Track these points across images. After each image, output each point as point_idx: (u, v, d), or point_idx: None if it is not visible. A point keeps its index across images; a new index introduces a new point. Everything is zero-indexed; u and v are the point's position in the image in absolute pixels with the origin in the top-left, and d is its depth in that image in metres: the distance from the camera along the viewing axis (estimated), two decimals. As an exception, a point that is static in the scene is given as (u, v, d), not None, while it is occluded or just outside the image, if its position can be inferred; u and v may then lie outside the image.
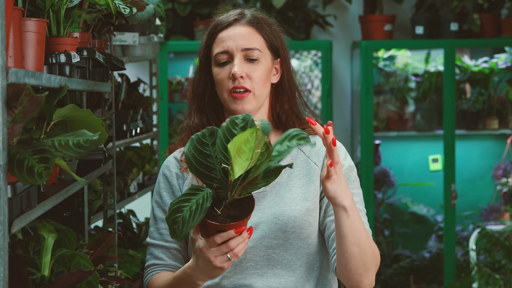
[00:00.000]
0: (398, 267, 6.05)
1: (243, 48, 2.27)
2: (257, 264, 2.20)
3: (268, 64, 2.29)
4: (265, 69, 2.28)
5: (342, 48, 6.25)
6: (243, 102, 2.25)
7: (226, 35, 2.30)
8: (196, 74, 2.37)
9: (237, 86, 2.24)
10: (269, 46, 2.31)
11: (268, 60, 2.30)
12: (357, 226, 2.08)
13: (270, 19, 2.37)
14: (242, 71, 2.25)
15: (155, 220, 2.30)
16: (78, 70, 2.42)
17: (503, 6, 5.97)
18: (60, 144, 1.75)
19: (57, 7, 2.25)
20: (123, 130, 3.98)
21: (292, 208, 2.20)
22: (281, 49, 2.33)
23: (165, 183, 2.32)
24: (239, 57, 2.26)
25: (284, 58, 2.34)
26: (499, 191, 6.14)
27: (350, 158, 2.29)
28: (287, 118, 2.32)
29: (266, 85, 2.29)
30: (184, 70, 6.26)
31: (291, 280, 2.20)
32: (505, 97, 6.05)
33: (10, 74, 1.62)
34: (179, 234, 1.86)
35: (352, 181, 2.25)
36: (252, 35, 2.28)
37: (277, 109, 2.33)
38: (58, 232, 2.25)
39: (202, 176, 1.92)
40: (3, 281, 1.57)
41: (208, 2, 6.02)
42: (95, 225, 4.08)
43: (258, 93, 2.26)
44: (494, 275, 5.36)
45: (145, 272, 2.31)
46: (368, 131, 5.79)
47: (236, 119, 1.90)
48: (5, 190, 1.59)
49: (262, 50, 2.28)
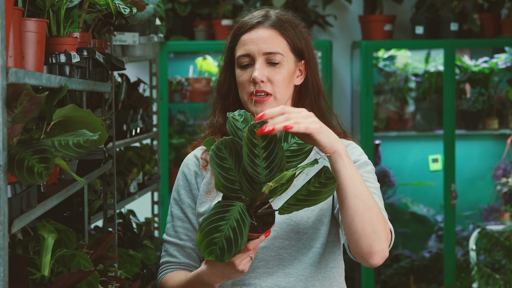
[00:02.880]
0: (398, 267, 6.04)
1: (265, 52, 2.26)
2: (268, 263, 2.21)
3: (291, 67, 2.29)
4: (287, 72, 2.27)
5: (342, 48, 6.25)
6: (263, 105, 2.26)
7: (248, 38, 2.29)
8: (221, 74, 2.38)
9: (258, 90, 2.25)
10: (293, 48, 2.29)
11: (291, 63, 2.29)
12: (356, 178, 2.02)
13: (297, 20, 2.35)
14: (263, 75, 2.25)
15: (172, 217, 2.33)
16: (78, 70, 2.42)
17: (503, 6, 5.97)
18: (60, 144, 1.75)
19: (57, 7, 2.25)
20: (123, 130, 3.98)
21: (306, 209, 2.20)
22: (305, 51, 2.31)
23: (183, 181, 2.34)
24: (260, 61, 2.26)
25: (308, 60, 2.32)
26: (499, 191, 6.14)
27: (367, 157, 2.29)
28: None
29: (288, 88, 2.28)
30: (184, 70, 6.26)
31: (301, 279, 2.20)
32: (505, 97, 6.05)
33: (10, 74, 1.62)
34: (227, 256, 1.87)
35: (367, 172, 2.23)
36: (275, 39, 2.27)
37: None
38: (58, 232, 2.25)
39: (227, 190, 1.92)
40: (3, 281, 1.57)
41: (208, 2, 6.02)
42: (95, 225, 4.08)
43: (280, 96, 2.26)
44: (494, 275, 5.36)
45: (159, 270, 2.33)
46: (368, 131, 5.79)
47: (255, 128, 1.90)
48: (5, 190, 1.59)
49: (285, 53, 2.27)
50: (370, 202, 2.04)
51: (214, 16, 6.05)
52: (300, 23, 2.35)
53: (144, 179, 4.33)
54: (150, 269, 4.09)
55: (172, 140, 6.04)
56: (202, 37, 6.00)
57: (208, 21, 6.03)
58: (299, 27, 2.33)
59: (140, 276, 3.94)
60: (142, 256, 4.03)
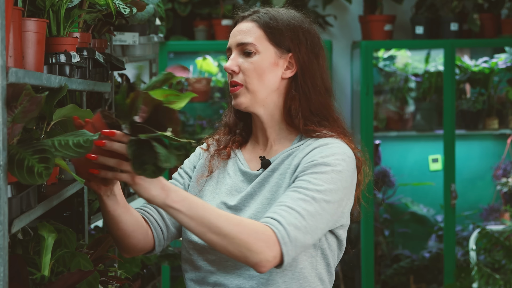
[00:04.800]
0: (398, 267, 6.04)
1: (239, 43, 2.25)
2: (236, 264, 2.19)
3: (268, 58, 2.24)
4: (261, 62, 2.23)
5: (342, 48, 6.25)
6: (236, 96, 2.25)
7: (231, 32, 2.31)
8: None
9: (230, 81, 2.25)
10: (272, 39, 2.25)
11: (268, 54, 2.24)
12: (198, 217, 2.00)
13: (289, 14, 2.31)
14: (233, 65, 2.24)
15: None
16: (78, 70, 2.42)
17: (503, 6, 5.97)
18: (60, 144, 1.75)
19: (57, 7, 2.25)
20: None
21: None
22: (292, 44, 2.26)
23: (192, 156, 2.41)
24: (235, 53, 2.26)
25: (298, 53, 2.26)
26: (499, 191, 6.14)
27: (335, 159, 2.17)
28: (299, 116, 2.25)
29: (264, 79, 2.23)
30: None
31: (262, 282, 2.16)
32: (505, 97, 6.05)
33: (10, 74, 1.62)
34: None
35: (316, 173, 2.13)
36: (251, 30, 2.25)
37: (288, 105, 2.26)
38: (58, 232, 2.25)
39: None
40: (3, 281, 1.57)
41: (208, 2, 6.02)
42: (95, 225, 4.08)
43: (252, 87, 2.23)
44: (494, 275, 5.36)
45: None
46: (368, 131, 5.79)
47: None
48: (5, 190, 1.59)
49: (260, 43, 2.24)
50: (225, 230, 2.00)
51: (214, 16, 6.05)
52: (294, 18, 2.31)
53: (144, 179, 4.32)
54: (150, 269, 4.09)
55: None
56: (202, 37, 6.00)
57: (208, 21, 6.03)
58: (289, 21, 2.29)
59: (140, 276, 3.94)
60: (142, 256, 4.02)
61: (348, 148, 2.24)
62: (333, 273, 2.26)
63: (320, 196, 2.10)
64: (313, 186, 2.11)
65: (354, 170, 2.23)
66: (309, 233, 2.07)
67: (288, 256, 2.04)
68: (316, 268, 2.21)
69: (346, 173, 2.18)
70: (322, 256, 2.22)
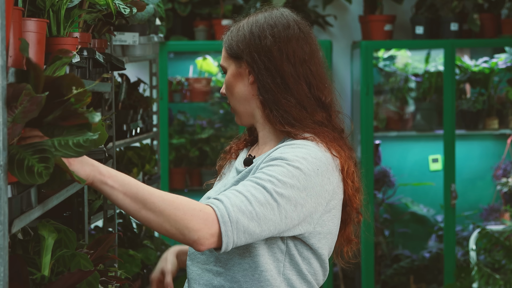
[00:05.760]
0: (398, 267, 6.05)
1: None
2: (208, 259, 2.20)
3: (232, 72, 2.26)
4: (228, 78, 2.27)
5: (342, 48, 6.25)
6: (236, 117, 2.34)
7: None
8: None
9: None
10: (230, 54, 2.26)
11: (231, 69, 2.26)
12: (132, 191, 1.96)
13: (258, 21, 2.24)
14: (222, 89, 2.33)
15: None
16: (78, 70, 2.42)
17: (503, 6, 5.97)
18: (60, 144, 1.75)
19: (57, 7, 2.25)
20: (123, 130, 3.98)
21: None
22: (243, 52, 2.22)
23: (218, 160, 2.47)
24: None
25: (250, 61, 2.22)
26: (499, 191, 6.14)
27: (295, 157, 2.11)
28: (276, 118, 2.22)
29: (233, 93, 2.26)
30: (184, 70, 6.26)
31: (228, 279, 2.16)
32: (505, 97, 6.05)
33: (10, 74, 1.62)
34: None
35: (272, 165, 2.10)
36: (223, 51, 2.30)
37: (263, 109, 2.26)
38: (58, 232, 2.25)
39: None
40: (3, 281, 1.57)
41: (208, 2, 6.03)
42: (95, 225, 4.08)
43: (231, 104, 2.29)
44: (494, 275, 5.36)
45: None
46: (368, 131, 5.79)
47: None
48: (5, 190, 1.59)
49: (226, 61, 2.28)
50: (160, 206, 1.97)
51: (214, 16, 6.05)
52: (259, 22, 2.24)
53: (144, 179, 4.33)
54: (150, 269, 4.09)
55: (172, 140, 6.04)
56: (202, 37, 6.00)
57: (208, 21, 6.03)
58: (251, 27, 2.24)
59: (140, 276, 3.94)
60: (142, 256, 4.03)
61: (318, 151, 2.15)
62: (311, 281, 2.18)
63: (271, 186, 2.05)
64: (265, 176, 2.07)
65: (324, 174, 2.13)
66: (254, 219, 2.01)
67: (228, 238, 1.99)
68: (283, 273, 2.16)
69: (309, 173, 2.10)
70: (291, 262, 2.16)
